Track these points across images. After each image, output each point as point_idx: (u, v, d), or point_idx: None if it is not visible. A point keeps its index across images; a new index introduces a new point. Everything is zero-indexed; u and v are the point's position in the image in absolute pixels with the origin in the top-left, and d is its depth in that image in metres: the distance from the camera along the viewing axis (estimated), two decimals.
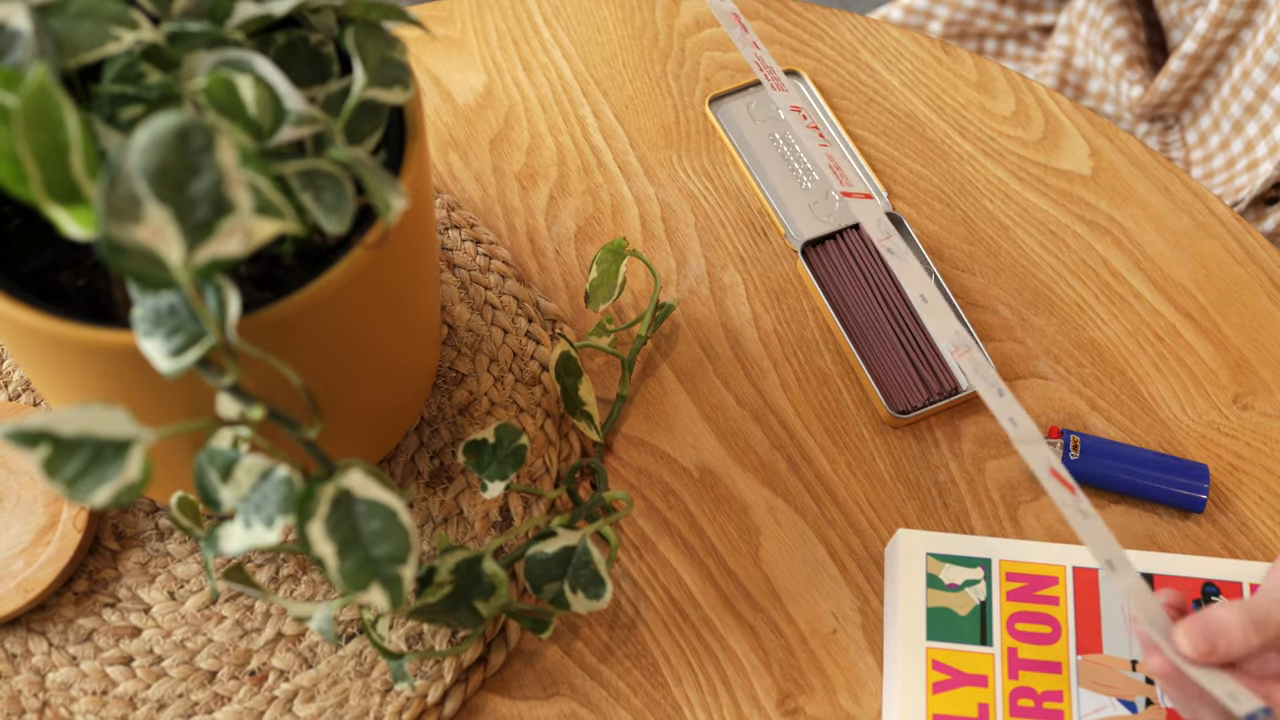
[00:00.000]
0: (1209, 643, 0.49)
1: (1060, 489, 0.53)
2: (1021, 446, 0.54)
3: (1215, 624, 0.49)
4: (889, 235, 0.62)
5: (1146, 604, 0.52)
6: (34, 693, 0.60)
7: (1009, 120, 0.81)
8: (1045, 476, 0.53)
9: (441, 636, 0.62)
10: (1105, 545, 0.53)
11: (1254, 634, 0.49)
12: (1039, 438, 0.54)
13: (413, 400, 0.63)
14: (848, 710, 0.62)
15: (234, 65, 0.44)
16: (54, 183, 0.40)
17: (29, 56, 0.41)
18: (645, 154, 0.78)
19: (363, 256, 0.47)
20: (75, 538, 0.61)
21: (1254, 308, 0.74)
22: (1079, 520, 0.53)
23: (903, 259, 0.58)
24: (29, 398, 0.67)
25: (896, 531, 0.64)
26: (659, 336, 0.72)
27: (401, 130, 0.50)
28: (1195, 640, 0.49)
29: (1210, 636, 0.49)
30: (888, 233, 0.62)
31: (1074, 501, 0.53)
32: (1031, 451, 0.54)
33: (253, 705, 0.60)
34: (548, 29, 0.83)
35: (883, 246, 0.61)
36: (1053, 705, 0.60)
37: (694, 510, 0.67)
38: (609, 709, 0.62)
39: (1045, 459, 0.53)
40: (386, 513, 0.45)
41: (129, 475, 0.41)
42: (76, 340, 0.45)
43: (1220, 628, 0.49)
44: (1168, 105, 0.94)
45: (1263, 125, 0.86)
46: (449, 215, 0.74)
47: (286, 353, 0.46)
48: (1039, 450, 0.54)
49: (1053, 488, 0.53)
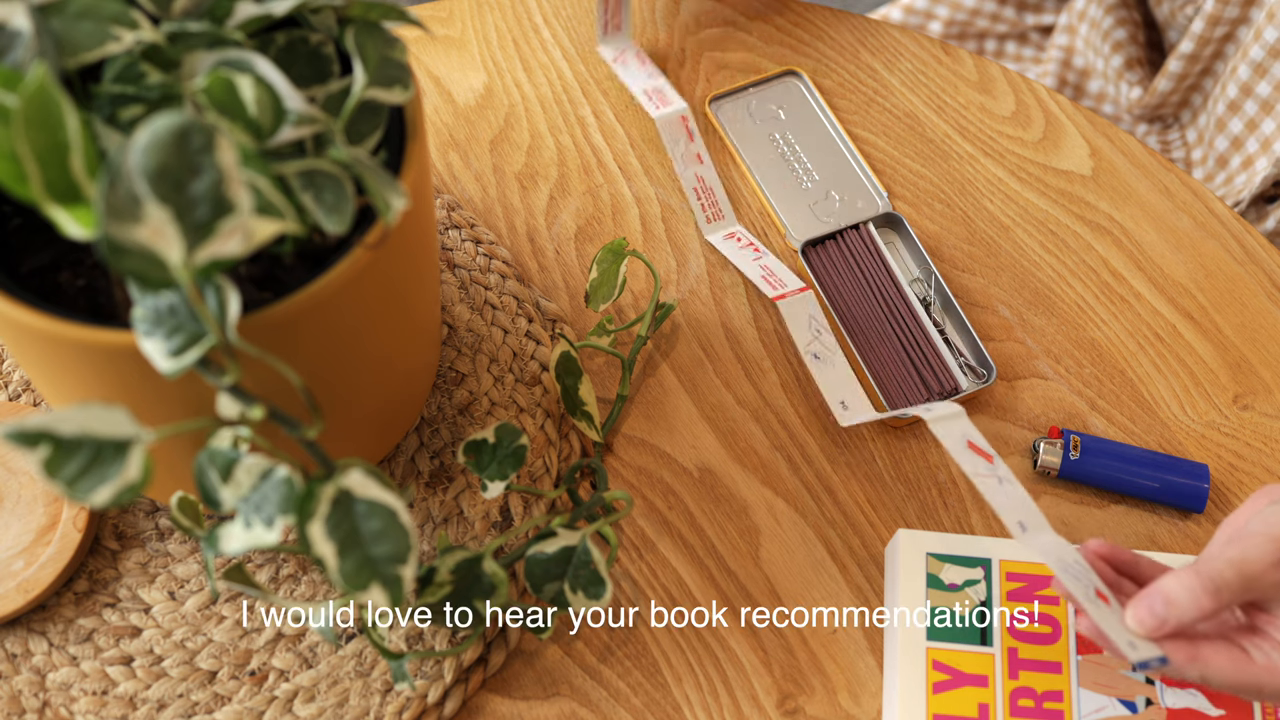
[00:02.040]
0: (1157, 619, 0.51)
1: (975, 459, 0.55)
2: (936, 426, 0.55)
3: (1162, 599, 0.51)
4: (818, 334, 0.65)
5: (1065, 557, 0.53)
6: (34, 693, 0.60)
7: (1009, 120, 0.81)
8: (961, 450, 0.54)
9: (441, 636, 0.62)
10: (1018, 508, 0.54)
11: (1206, 600, 0.50)
12: (956, 411, 0.56)
13: (413, 400, 0.63)
14: (848, 710, 0.62)
15: (234, 65, 0.44)
16: (54, 183, 0.40)
17: (29, 56, 0.41)
18: (645, 154, 0.78)
19: (363, 256, 0.47)
20: (75, 538, 0.61)
21: (1254, 308, 0.74)
22: (994, 486, 0.54)
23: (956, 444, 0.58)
24: (29, 398, 0.67)
25: (896, 531, 0.64)
26: (659, 336, 0.72)
27: (401, 130, 0.50)
28: (1144, 617, 0.51)
29: (1159, 613, 0.51)
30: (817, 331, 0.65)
31: (991, 469, 0.55)
32: (946, 428, 0.55)
33: (253, 705, 0.60)
34: (548, 29, 0.83)
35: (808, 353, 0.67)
36: (1053, 705, 0.60)
37: (694, 510, 0.67)
38: (609, 709, 0.62)
39: (963, 433, 0.55)
40: (386, 513, 0.45)
41: (129, 475, 0.41)
42: (76, 340, 0.45)
43: (1167, 600, 0.51)
44: (1167, 105, 0.94)
45: (1248, 122, 0.86)
46: (449, 215, 0.74)
47: (286, 353, 0.46)
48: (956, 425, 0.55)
49: (966, 460, 0.54)
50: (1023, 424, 0.70)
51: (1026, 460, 0.69)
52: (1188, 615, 0.51)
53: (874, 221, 0.75)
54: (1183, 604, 0.51)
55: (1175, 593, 0.51)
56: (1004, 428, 0.70)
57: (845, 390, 0.68)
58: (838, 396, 0.68)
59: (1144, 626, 0.51)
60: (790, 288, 0.70)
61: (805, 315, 0.68)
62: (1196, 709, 0.60)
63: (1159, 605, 0.51)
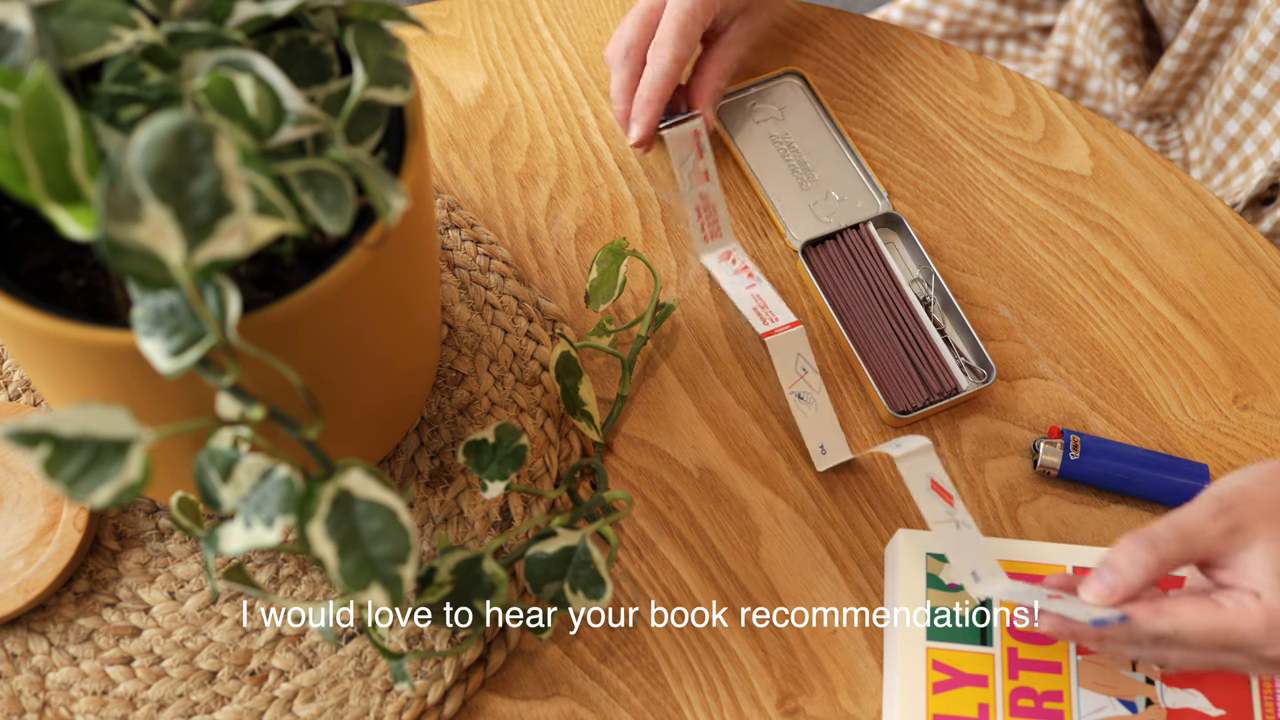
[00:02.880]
0: (1107, 587, 0.54)
1: (936, 502, 0.57)
2: (902, 464, 0.58)
3: (1108, 568, 0.54)
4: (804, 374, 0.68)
5: (1017, 591, 0.56)
6: (34, 693, 0.60)
7: (1009, 120, 0.81)
8: (924, 492, 0.58)
9: (441, 636, 0.62)
10: (973, 558, 0.57)
11: (1145, 555, 0.53)
12: (923, 445, 0.58)
13: (413, 400, 0.63)
14: (848, 710, 0.62)
15: (234, 65, 0.44)
16: (54, 183, 0.40)
17: (29, 56, 0.41)
18: (645, 154, 0.78)
19: (363, 256, 0.47)
20: (75, 538, 0.61)
21: (1254, 308, 0.74)
22: (951, 532, 0.58)
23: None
24: (29, 398, 0.67)
25: (896, 531, 0.64)
26: (659, 336, 0.72)
27: (401, 130, 0.50)
28: (1095, 588, 0.54)
29: (1108, 582, 0.54)
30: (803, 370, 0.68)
31: (950, 513, 0.58)
32: (912, 466, 0.58)
33: (253, 705, 0.60)
34: (548, 29, 0.83)
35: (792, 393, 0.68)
36: (1053, 705, 0.60)
37: (694, 510, 0.67)
38: (609, 709, 0.62)
39: (928, 472, 0.58)
40: (386, 513, 0.45)
41: (129, 475, 0.41)
42: (76, 340, 0.45)
43: (1112, 568, 0.54)
44: (1163, 103, 0.94)
45: (1244, 124, 0.86)
46: (449, 215, 0.74)
47: (286, 353, 0.46)
48: (922, 462, 0.58)
49: (928, 504, 0.57)
50: (1023, 424, 0.70)
51: (1026, 460, 0.69)
52: (1133, 575, 0.53)
53: (874, 221, 0.75)
54: (1125, 567, 0.54)
55: (1117, 559, 0.54)
56: (1004, 428, 0.70)
57: (826, 434, 0.68)
58: (817, 440, 0.68)
59: (1098, 597, 0.54)
60: (782, 321, 0.69)
61: (793, 354, 0.68)
62: (1196, 709, 0.60)
63: (1106, 575, 0.54)
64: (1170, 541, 0.54)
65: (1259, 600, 0.53)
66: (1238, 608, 0.53)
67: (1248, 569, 0.53)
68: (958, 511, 0.58)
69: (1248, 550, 0.53)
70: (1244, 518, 0.54)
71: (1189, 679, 0.60)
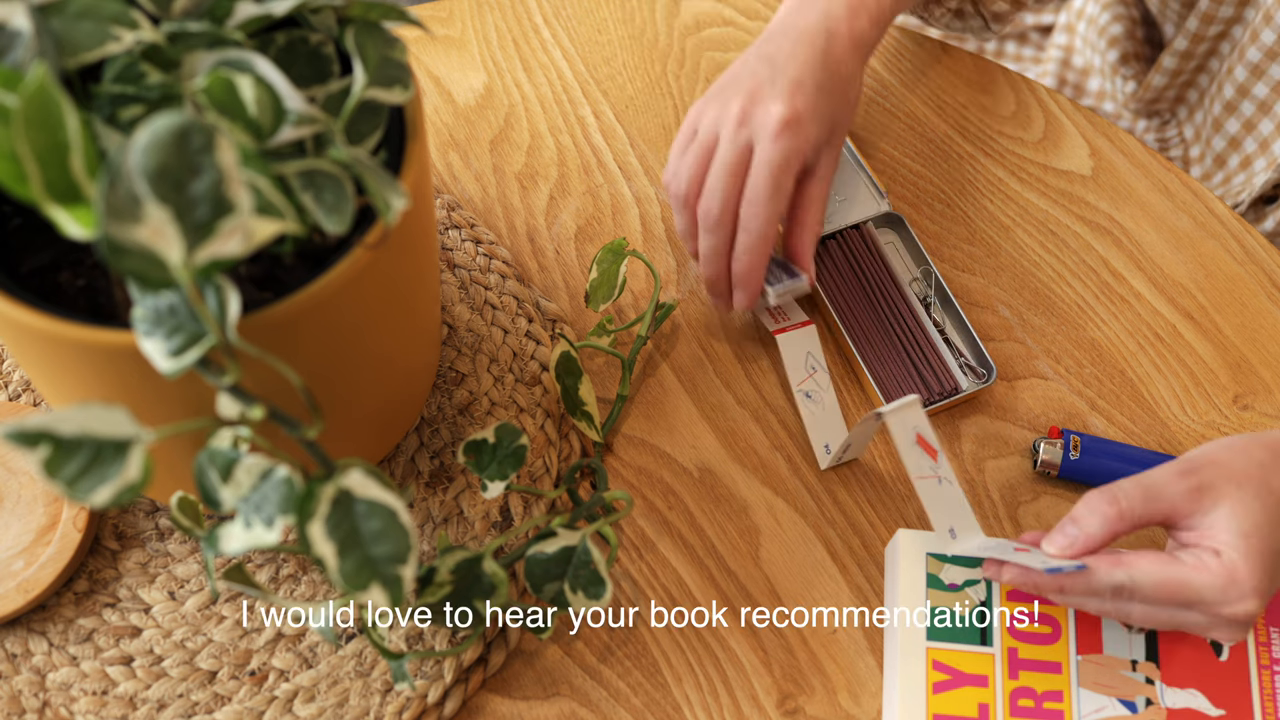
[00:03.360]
0: (1068, 538, 0.56)
1: (921, 456, 0.58)
2: (890, 418, 0.58)
3: (1070, 521, 0.56)
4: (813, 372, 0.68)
5: (988, 545, 0.58)
6: (34, 693, 0.60)
7: (1009, 120, 0.81)
8: (909, 446, 0.58)
9: (441, 636, 0.62)
10: (952, 513, 0.58)
11: (1106, 508, 0.55)
12: (911, 399, 0.58)
13: (413, 400, 0.63)
14: (848, 710, 0.62)
15: (234, 65, 0.44)
16: (54, 183, 0.40)
17: (29, 56, 0.41)
18: (645, 154, 0.78)
19: (363, 256, 0.47)
20: (75, 538, 0.61)
21: (1254, 308, 0.74)
22: (933, 488, 0.58)
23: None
24: (29, 398, 0.67)
25: (896, 532, 0.64)
26: (659, 336, 0.72)
27: (401, 130, 0.50)
28: (1057, 540, 0.56)
29: (1069, 533, 0.56)
30: (812, 369, 0.68)
31: (934, 468, 0.58)
32: (900, 419, 0.58)
33: (253, 705, 0.60)
34: (548, 29, 0.83)
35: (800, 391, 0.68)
36: (1053, 705, 0.60)
37: (694, 510, 0.67)
38: (609, 709, 0.62)
39: (914, 425, 0.58)
40: (386, 513, 0.45)
41: (129, 475, 0.41)
42: (76, 340, 0.45)
43: (1074, 520, 0.56)
44: (1163, 100, 0.94)
45: (1245, 122, 0.86)
46: (449, 215, 0.74)
47: (286, 353, 0.46)
48: (909, 416, 0.58)
49: (912, 458, 0.58)
50: (1023, 424, 0.70)
51: (1027, 460, 0.69)
52: (1094, 528, 0.55)
53: (874, 221, 0.75)
54: (1086, 519, 0.56)
55: (1080, 513, 0.56)
56: (1004, 428, 0.70)
57: (831, 433, 0.68)
58: (823, 439, 0.68)
59: (1059, 548, 0.56)
60: (794, 320, 0.70)
61: (803, 353, 0.68)
62: (1196, 709, 0.60)
63: (1068, 527, 0.56)
64: (1133, 496, 0.55)
65: (1218, 557, 0.54)
66: (1196, 563, 0.54)
67: (1212, 529, 0.54)
68: (941, 467, 0.58)
69: (1213, 511, 0.55)
70: (1211, 479, 0.55)
71: (1189, 679, 0.60)
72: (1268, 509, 0.54)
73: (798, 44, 0.66)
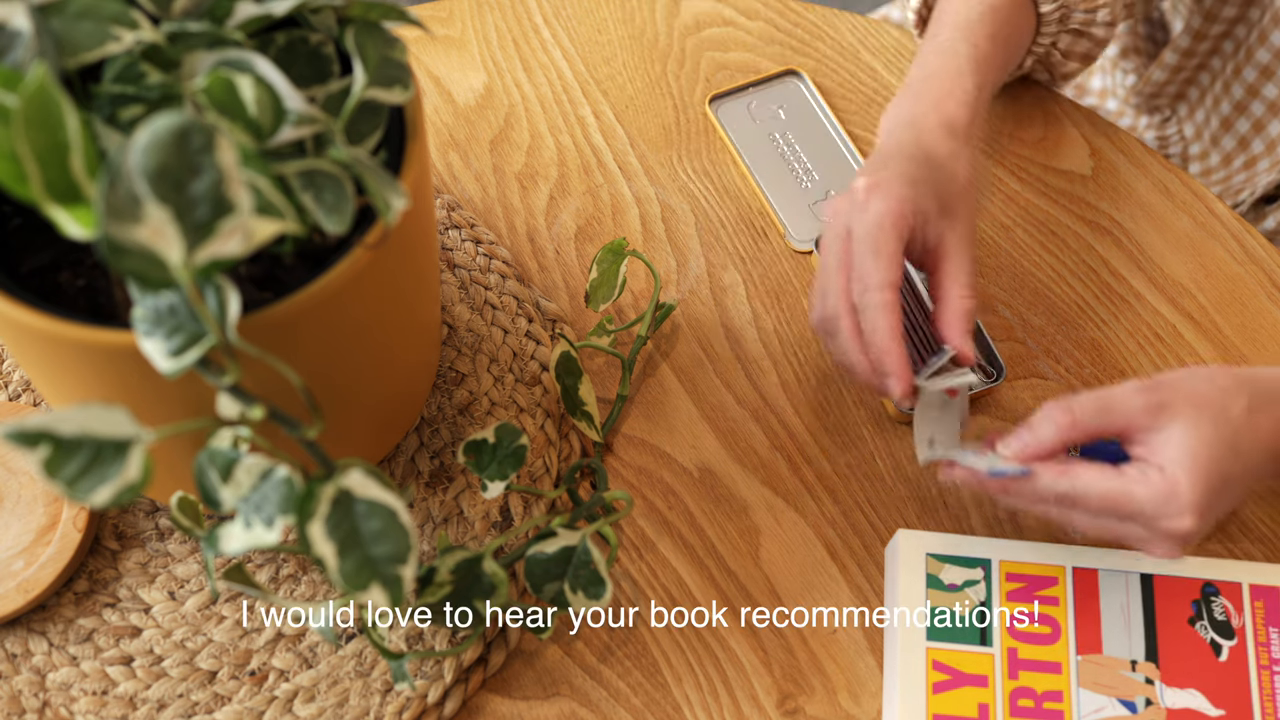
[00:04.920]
0: (1020, 442, 0.57)
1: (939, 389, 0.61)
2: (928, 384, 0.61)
3: (1025, 426, 0.57)
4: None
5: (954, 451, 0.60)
6: (34, 693, 0.60)
7: (1009, 120, 0.81)
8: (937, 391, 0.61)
9: (441, 636, 0.62)
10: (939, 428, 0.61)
11: (1060, 415, 0.56)
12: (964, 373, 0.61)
13: (413, 400, 0.63)
14: (848, 710, 0.62)
15: (234, 65, 0.44)
16: (54, 183, 0.40)
17: (29, 56, 0.41)
18: (645, 154, 0.78)
19: (363, 256, 0.47)
20: (75, 538, 0.61)
21: (1254, 308, 0.74)
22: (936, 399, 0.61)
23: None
24: (29, 398, 0.67)
25: (896, 531, 0.64)
26: (659, 336, 0.72)
27: (401, 130, 0.50)
28: (1010, 442, 0.57)
29: (1022, 438, 0.57)
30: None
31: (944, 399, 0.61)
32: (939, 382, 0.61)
33: (253, 705, 0.60)
34: (548, 29, 0.83)
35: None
36: (1053, 705, 0.60)
37: (694, 510, 0.67)
38: (609, 709, 0.62)
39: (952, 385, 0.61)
40: (386, 513, 0.45)
41: (129, 475, 0.41)
42: (76, 340, 0.45)
43: (1028, 426, 0.57)
44: (1162, 95, 0.94)
45: (1254, 122, 0.86)
46: (449, 215, 0.75)
47: (286, 353, 0.46)
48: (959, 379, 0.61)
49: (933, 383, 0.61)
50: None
51: None
52: (1045, 433, 0.56)
53: None
54: (1040, 425, 0.57)
55: (1035, 419, 0.57)
56: (1004, 428, 0.70)
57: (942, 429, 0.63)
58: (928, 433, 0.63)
59: (1012, 451, 0.57)
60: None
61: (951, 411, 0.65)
62: (1196, 709, 0.60)
63: (1022, 432, 0.57)
64: (1088, 406, 0.56)
65: (1162, 473, 0.54)
66: (1139, 476, 0.55)
67: (1165, 446, 0.55)
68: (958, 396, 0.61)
69: (1166, 429, 0.55)
70: (1170, 399, 0.56)
71: (1189, 679, 0.60)
72: (1220, 433, 0.55)
73: (885, 140, 0.66)
